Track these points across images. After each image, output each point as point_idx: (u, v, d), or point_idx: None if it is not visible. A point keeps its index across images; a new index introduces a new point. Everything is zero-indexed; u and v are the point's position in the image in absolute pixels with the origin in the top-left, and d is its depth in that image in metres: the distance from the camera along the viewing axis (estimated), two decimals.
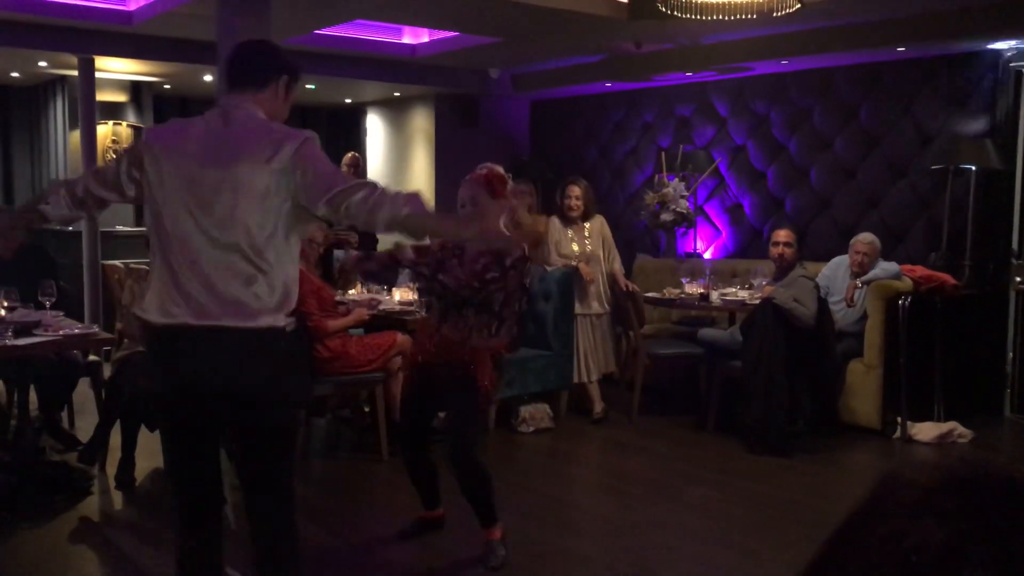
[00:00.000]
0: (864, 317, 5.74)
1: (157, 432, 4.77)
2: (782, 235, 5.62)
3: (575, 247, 6.20)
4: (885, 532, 0.66)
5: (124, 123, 8.64)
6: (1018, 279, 6.16)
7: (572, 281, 6.02)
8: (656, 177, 7.89)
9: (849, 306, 5.84)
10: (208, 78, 8.06)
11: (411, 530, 3.99)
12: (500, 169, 3.66)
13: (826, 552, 0.71)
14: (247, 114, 2.55)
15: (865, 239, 5.92)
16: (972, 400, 5.97)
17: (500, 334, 3.57)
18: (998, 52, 6.12)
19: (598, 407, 6.10)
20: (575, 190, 6.20)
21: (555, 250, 6.23)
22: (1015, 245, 6.19)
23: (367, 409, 5.66)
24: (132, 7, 6.59)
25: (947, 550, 0.63)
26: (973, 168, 6.06)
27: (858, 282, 5.84)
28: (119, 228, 8.36)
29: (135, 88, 8.68)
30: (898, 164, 6.71)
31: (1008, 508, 0.65)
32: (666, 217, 7.51)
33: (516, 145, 9.42)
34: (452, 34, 7.16)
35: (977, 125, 6.24)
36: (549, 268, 6.11)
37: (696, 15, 4.34)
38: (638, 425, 5.97)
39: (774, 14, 4.29)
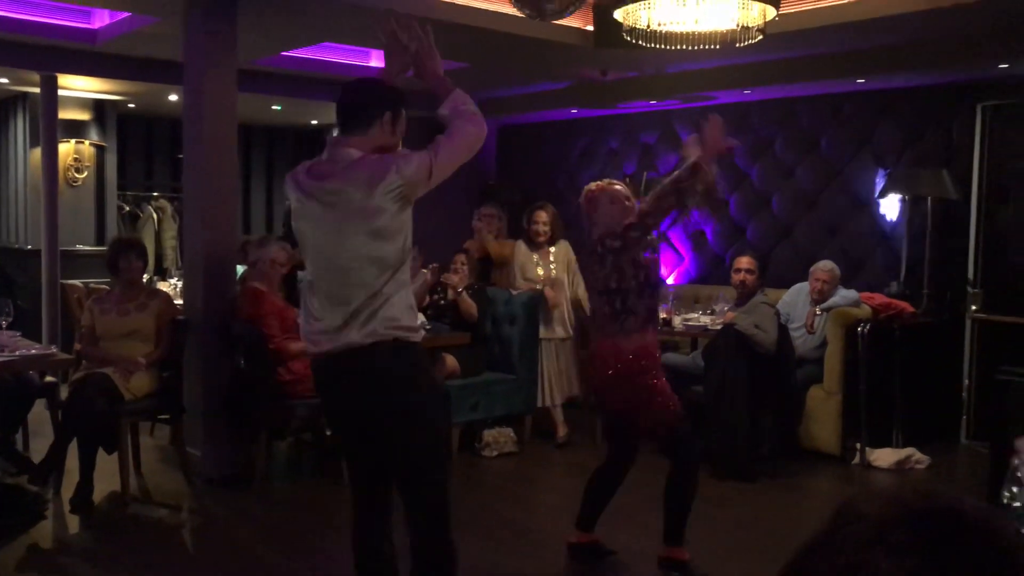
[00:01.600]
0: (824, 344, 5.81)
1: (115, 454, 4.73)
2: (744, 262, 5.68)
3: (540, 271, 6.23)
4: (838, 565, 0.67)
5: (87, 141, 8.56)
6: (974, 307, 6.27)
7: (538, 305, 6.04)
8: None
9: (809, 333, 5.91)
10: (173, 98, 8.01)
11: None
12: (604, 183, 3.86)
13: None
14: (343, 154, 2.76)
15: (825, 267, 6.01)
16: (929, 427, 6.05)
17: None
18: (955, 85, 6.27)
19: (562, 431, 6.11)
20: (542, 215, 6.24)
21: (520, 274, 6.25)
22: (971, 274, 6.32)
23: (329, 432, 5.60)
24: (97, 25, 6.54)
25: None
26: (930, 198, 6.18)
27: (818, 309, 5.91)
28: (79, 247, 8.26)
29: (99, 106, 8.60)
30: (858, 193, 6.83)
31: (957, 543, 0.66)
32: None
33: (484, 169, 9.45)
34: None
35: (934, 156, 6.37)
36: (514, 292, 6.13)
37: (660, 44, 4.40)
38: (602, 449, 5.93)
39: (737, 44, 4.36)
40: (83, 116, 8.52)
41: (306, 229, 2.81)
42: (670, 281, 7.98)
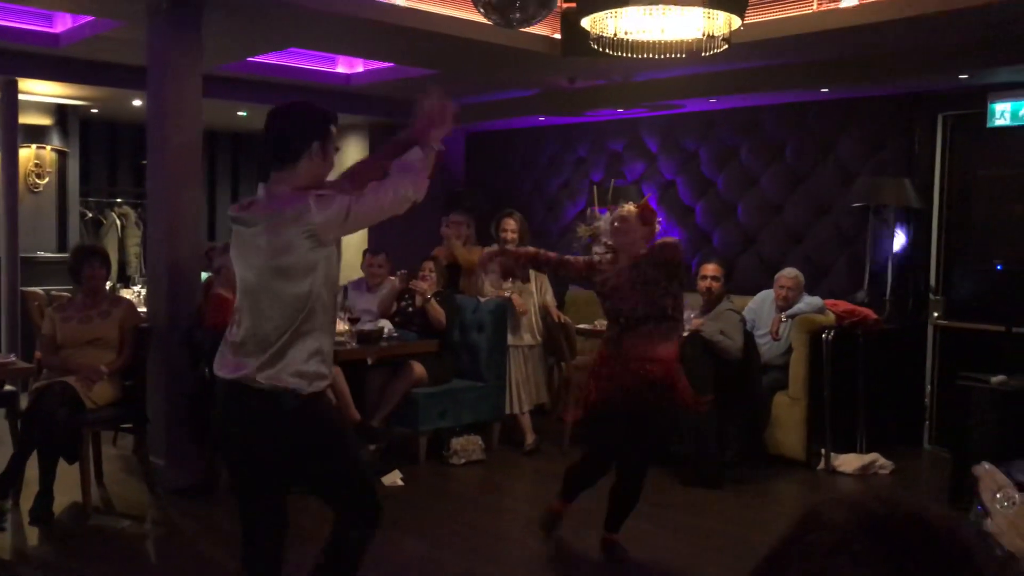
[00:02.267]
0: (789, 350, 5.86)
1: (76, 465, 4.65)
2: (710, 269, 5.72)
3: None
4: (803, 572, 0.68)
5: (48, 147, 8.43)
6: (936, 314, 6.36)
7: (505, 312, 6.04)
8: (588, 210, 7.97)
9: (774, 339, 5.96)
10: (137, 103, 7.92)
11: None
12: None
13: None
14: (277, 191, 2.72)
15: (789, 274, 6.06)
16: (893, 432, 6.13)
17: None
18: (917, 95, 6.36)
19: (530, 438, 6.11)
20: (510, 223, 6.25)
21: (488, 281, 6.24)
22: (933, 281, 6.40)
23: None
24: (59, 29, 6.46)
25: None
26: (893, 207, 6.27)
27: (783, 316, 5.97)
28: (40, 254, 8.13)
29: (61, 111, 8.47)
30: (822, 201, 6.90)
31: (920, 552, 0.67)
32: (598, 250, 7.59)
33: (452, 176, 9.43)
34: (387, 65, 7.17)
35: (897, 165, 6.46)
36: (482, 299, 6.13)
37: (627, 53, 4.42)
38: (570, 456, 5.95)
39: (703, 54, 4.39)
40: (45, 121, 8.39)
41: (233, 259, 2.85)
42: None
